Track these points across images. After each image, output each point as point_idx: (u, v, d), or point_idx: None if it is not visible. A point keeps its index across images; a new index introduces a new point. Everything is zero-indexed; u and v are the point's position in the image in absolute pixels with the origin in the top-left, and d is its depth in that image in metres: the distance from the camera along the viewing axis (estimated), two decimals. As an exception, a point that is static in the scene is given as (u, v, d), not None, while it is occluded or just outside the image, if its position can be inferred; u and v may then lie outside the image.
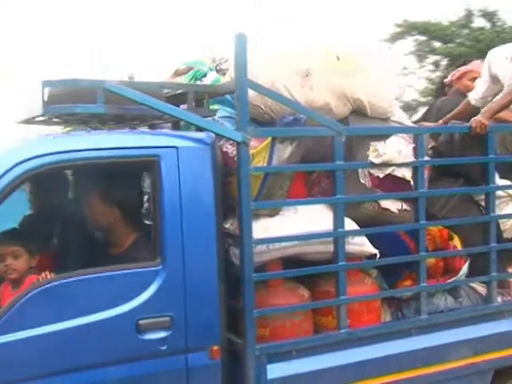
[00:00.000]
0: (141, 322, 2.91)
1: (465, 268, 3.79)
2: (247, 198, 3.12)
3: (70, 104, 3.13)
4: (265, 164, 3.25)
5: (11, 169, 2.78)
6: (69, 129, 4.12)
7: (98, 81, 3.08)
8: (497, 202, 3.97)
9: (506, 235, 4.01)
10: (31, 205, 3.96)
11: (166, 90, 3.55)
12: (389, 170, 3.48)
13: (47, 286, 2.81)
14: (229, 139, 3.14)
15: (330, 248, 3.39)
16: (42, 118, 3.42)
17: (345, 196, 3.36)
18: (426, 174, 3.71)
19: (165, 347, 2.96)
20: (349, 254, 3.43)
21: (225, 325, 3.18)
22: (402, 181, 3.54)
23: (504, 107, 3.92)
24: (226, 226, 3.31)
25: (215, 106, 3.63)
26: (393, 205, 3.57)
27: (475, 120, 3.75)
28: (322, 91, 3.44)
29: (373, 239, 3.57)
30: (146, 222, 3.44)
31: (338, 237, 3.36)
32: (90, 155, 2.95)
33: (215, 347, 3.08)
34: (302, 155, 3.39)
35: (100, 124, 3.71)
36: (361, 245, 3.47)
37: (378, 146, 3.47)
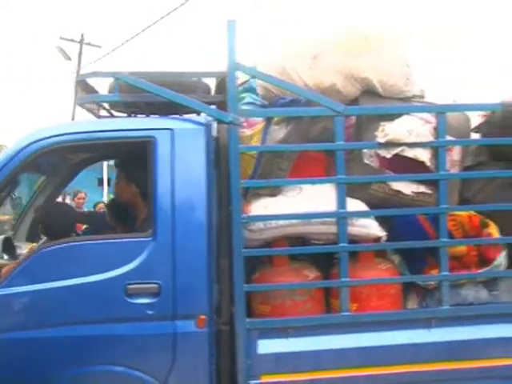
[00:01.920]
0: (129, 286, 3.20)
1: (500, 259, 3.45)
2: (236, 177, 3.24)
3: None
4: (259, 144, 3.35)
5: (27, 146, 3.29)
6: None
7: (112, 72, 3.48)
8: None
9: None
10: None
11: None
12: (396, 150, 3.32)
13: (49, 249, 3.25)
14: (219, 120, 3.31)
15: (334, 229, 3.35)
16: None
17: (345, 176, 3.30)
18: (457, 155, 3.48)
19: (152, 312, 3.22)
20: (353, 236, 3.36)
21: (227, 299, 3.35)
22: (415, 162, 3.35)
23: None
24: (232, 205, 3.44)
25: (244, 94, 3.79)
26: (406, 187, 3.39)
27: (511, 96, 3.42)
28: (328, 72, 3.43)
29: (388, 223, 3.46)
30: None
31: (338, 217, 3.31)
32: (92, 136, 3.34)
33: (202, 316, 3.26)
34: (305, 136, 3.41)
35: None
36: (367, 227, 3.37)
37: (387, 125, 3.35)
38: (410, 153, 3.34)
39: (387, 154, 3.33)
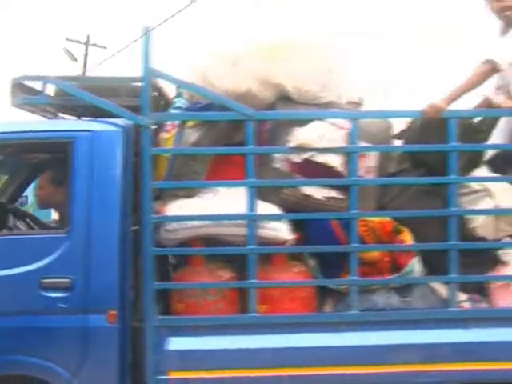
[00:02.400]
0: (44, 280, 3.36)
1: (411, 266, 3.46)
2: (148, 178, 3.36)
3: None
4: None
5: None
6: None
7: (40, 76, 3.66)
8: (472, 196, 3.58)
9: (480, 232, 3.55)
10: None
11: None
12: (306, 155, 3.38)
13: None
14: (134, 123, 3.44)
15: (245, 231, 3.42)
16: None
17: (255, 180, 3.38)
18: (373, 161, 3.52)
19: (65, 305, 3.36)
20: (263, 238, 3.42)
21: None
22: (326, 167, 3.40)
23: (467, 90, 3.52)
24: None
25: (176, 99, 3.89)
26: (317, 192, 3.44)
27: (429, 104, 3.44)
28: (245, 77, 3.51)
29: (302, 227, 3.52)
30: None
31: (248, 220, 3.39)
32: (15, 137, 3.52)
33: (112, 312, 3.38)
34: (223, 140, 3.51)
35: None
36: (276, 230, 3.43)
37: (299, 130, 3.41)
38: (320, 158, 3.39)
39: (297, 158, 3.39)
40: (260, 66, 3.50)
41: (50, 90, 3.96)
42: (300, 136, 3.37)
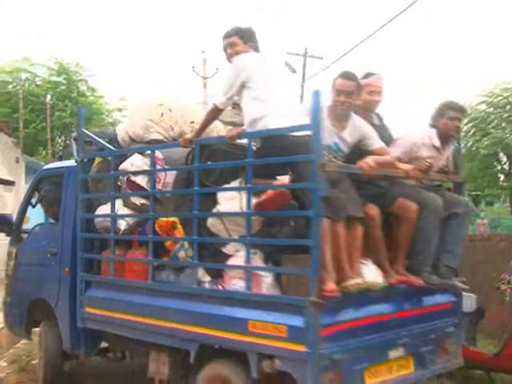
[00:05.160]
0: (49, 248, 6.19)
1: (174, 252, 4.81)
2: (79, 191, 5.77)
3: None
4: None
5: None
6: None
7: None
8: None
9: (213, 230, 4.63)
10: None
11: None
12: (126, 176, 5.20)
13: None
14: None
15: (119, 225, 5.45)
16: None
17: (113, 193, 5.39)
18: (170, 179, 5.09)
19: (54, 263, 6.12)
20: (117, 229, 5.37)
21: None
22: (134, 183, 5.15)
23: (205, 126, 4.65)
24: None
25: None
26: (137, 200, 5.20)
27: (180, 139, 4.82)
28: (122, 130, 5.58)
29: None
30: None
31: (110, 217, 5.42)
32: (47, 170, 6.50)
33: (66, 268, 5.95)
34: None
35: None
36: (120, 224, 5.33)
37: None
38: (133, 178, 5.17)
39: (124, 179, 5.26)
40: (126, 122, 5.54)
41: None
42: (122, 164, 5.24)
